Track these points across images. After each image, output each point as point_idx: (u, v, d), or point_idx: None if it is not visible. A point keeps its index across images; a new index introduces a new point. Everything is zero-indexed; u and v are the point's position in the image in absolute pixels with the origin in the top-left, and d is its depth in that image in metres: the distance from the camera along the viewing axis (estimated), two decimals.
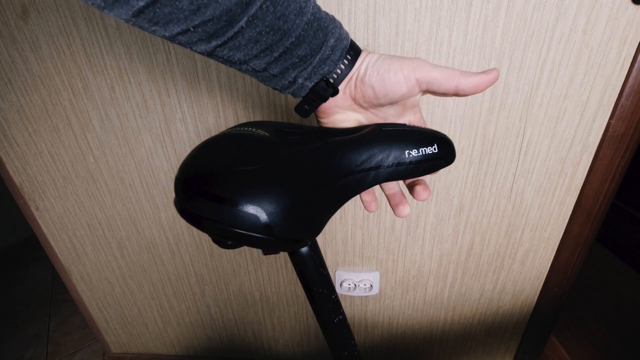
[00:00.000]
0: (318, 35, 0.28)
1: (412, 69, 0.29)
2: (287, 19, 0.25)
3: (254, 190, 0.26)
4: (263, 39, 0.25)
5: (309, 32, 0.27)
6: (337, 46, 0.29)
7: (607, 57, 0.57)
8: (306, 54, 0.28)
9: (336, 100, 0.32)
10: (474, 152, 0.68)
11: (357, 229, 0.79)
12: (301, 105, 0.33)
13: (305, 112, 0.33)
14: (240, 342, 1.05)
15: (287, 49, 0.27)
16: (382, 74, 0.30)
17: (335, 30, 0.29)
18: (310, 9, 0.27)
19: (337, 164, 0.29)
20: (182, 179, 0.28)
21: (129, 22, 0.22)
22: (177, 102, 0.68)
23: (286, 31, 0.26)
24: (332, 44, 0.29)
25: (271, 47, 0.26)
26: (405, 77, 0.29)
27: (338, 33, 0.29)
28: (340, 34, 0.30)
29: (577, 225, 0.73)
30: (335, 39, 0.29)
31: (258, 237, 0.26)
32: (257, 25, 0.24)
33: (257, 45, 0.26)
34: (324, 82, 0.30)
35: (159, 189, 0.79)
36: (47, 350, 1.22)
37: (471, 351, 0.98)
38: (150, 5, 0.21)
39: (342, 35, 0.30)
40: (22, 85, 0.69)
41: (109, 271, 0.93)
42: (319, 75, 0.30)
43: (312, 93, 0.31)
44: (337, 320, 0.35)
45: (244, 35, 0.24)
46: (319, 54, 0.29)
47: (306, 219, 0.29)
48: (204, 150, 0.29)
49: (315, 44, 0.28)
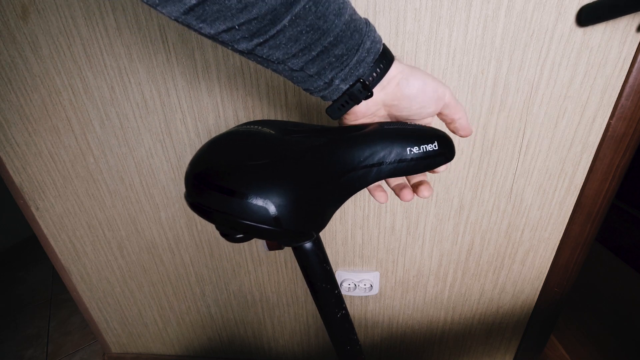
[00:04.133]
0: (354, 36, 0.29)
1: (443, 88, 0.33)
2: (327, 18, 0.26)
3: (263, 184, 0.27)
4: (303, 37, 0.26)
5: (346, 33, 0.28)
6: (372, 49, 0.30)
7: (607, 57, 0.57)
8: (343, 53, 0.29)
9: (367, 104, 0.33)
10: (474, 152, 0.68)
11: (357, 229, 0.79)
12: (333, 106, 0.33)
13: (336, 114, 0.34)
14: (240, 342, 1.05)
15: (325, 48, 0.27)
16: (423, 87, 0.32)
17: (370, 33, 0.30)
18: (347, 10, 0.28)
19: (341, 161, 0.30)
20: (194, 174, 0.29)
21: (178, 19, 0.23)
22: (177, 102, 0.68)
23: (325, 30, 0.26)
24: (368, 46, 0.30)
25: (310, 46, 0.27)
26: (438, 96, 0.33)
27: (372, 36, 0.30)
28: (374, 38, 0.30)
29: (577, 225, 0.73)
30: (370, 41, 0.30)
31: (266, 229, 0.27)
32: (299, 24, 0.25)
33: (296, 44, 0.26)
34: (360, 84, 0.31)
35: (159, 189, 0.79)
36: (47, 350, 1.22)
37: (471, 351, 0.98)
38: (201, 3, 0.22)
39: (376, 39, 0.30)
40: (22, 85, 0.69)
41: (109, 271, 0.93)
42: (355, 77, 0.31)
43: (347, 95, 0.32)
44: (340, 315, 0.36)
45: (285, 33, 0.25)
46: (355, 55, 0.29)
47: (312, 212, 0.30)
48: (213, 146, 0.30)
49: (351, 45, 0.29)
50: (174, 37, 0.61)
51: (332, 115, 0.34)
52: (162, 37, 0.62)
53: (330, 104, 0.33)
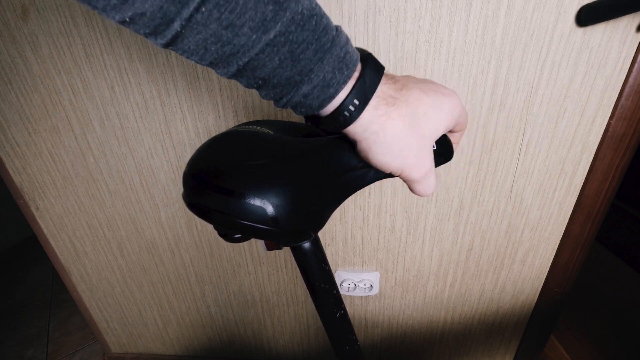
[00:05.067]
0: (285, 65, 0.21)
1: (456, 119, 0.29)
2: (239, 32, 0.20)
3: (261, 184, 0.27)
4: (212, 47, 0.20)
5: (271, 58, 0.21)
6: (315, 94, 0.23)
7: (607, 57, 0.57)
8: (269, 81, 0.22)
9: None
10: (474, 152, 0.68)
11: (357, 229, 0.79)
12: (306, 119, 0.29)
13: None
14: (240, 342, 1.05)
15: (244, 67, 0.21)
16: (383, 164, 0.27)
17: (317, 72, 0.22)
18: (278, 26, 0.20)
19: (339, 161, 0.30)
20: (191, 173, 0.29)
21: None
22: (177, 102, 0.68)
23: (238, 47, 0.20)
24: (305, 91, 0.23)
25: (224, 59, 0.21)
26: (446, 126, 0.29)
27: (321, 78, 0.22)
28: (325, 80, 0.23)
29: (577, 225, 0.73)
30: (312, 86, 0.22)
31: (264, 229, 0.27)
32: (200, 32, 0.19)
33: (207, 53, 0.21)
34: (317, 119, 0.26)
35: (159, 189, 0.79)
36: (47, 350, 1.22)
37: (471, 351, 0.98)
38: None
39: (328, 81, 0.23)
40: (22, 85, 0.69)
41: (109, 271, 0.93)
42: (310, 110, 0.25)
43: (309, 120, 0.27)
44: (339, 315, 0.36)
45: (187, 39, 0.20)
46: (289, 94, 0.23)
47: (310, 212, 0.30)
48: (212, 146, 0.30)
49: (281, 76, 0.22)
50: None
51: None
52: None
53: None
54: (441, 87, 0.28)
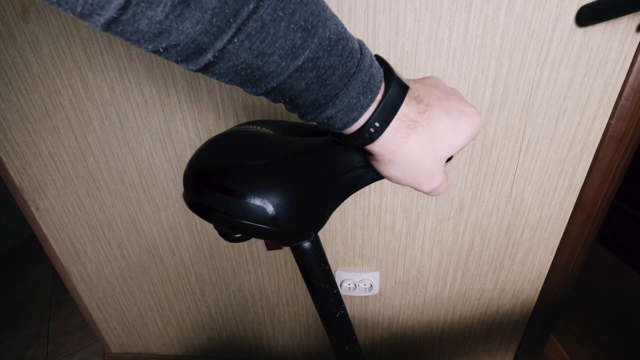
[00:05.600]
0: (312, 89, 0.22)
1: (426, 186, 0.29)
2: (269, 59, 0.20)
3: (261, 184, 0.27)
4: (242, 73, 0.21)
5: (298, 82, 0.22)
6: (338, 117, 0.24)
7: (607, 57, 0.57)
8: (297, 101, 0.23)
9: None
10: (474, 152, 0.68)
11: (357, 229, 0.79)
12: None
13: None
14: (240, 342, 1.05)
15: (272, 90, 0.22)
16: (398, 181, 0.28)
17: (343, 98, 0.23)
18: (307, 53, 0.21)
19: (339, 160, 0.30)
20: (192, 173, 0.29)
21: (106, 32, 0.20)
22: (177, 102, 0.68)
23: (267, 73, 0.21)
24: (330, 114, 0.24)
25: (254, 82, 0.22)
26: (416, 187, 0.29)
27: (346, 103, 0.23)
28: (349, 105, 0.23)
29: (577, 225, 0.73)
30: (337, 110, 0.23)
31: (264, 229, 0.28)
32: (231, 60, 0.20)
33: (237, 77, 0.22)
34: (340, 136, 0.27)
35: (159, 189, 0.79)
36: (47, 350, 1.22)
37: (471, 351, 0.98)
38: (113, 22, 0.19)
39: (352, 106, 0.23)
40: (22, 85, 0.69)
41: (109, 271, 0.93)
42: (333, 128, 0.25)
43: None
44: (339, 315, 0.36)
45: (218, 65, 0.21)
46: (318, 113, 0.24)
47: (310, 212, 0.30)
48: (212, 145, 0.30)
49: (307, 100, 0.23)
50: None
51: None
52: None
53: None
54: (465, 105, 0.28)
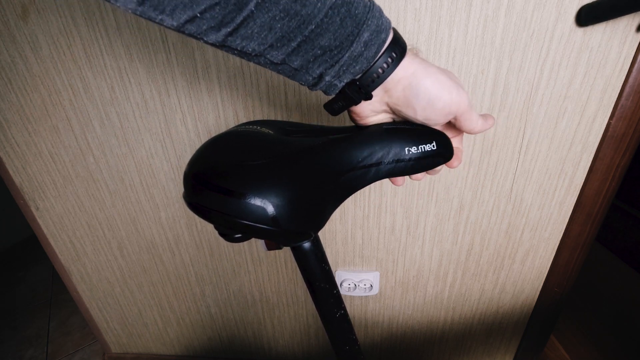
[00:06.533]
0: (346, 23, 0.23)
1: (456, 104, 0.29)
2: (306, 2, 0.22)
3: (261, 184, 0.27)
4: (277, 25, 0.22)
5: (334, 20, 0.23)
6: (373, 41, 0.25)
7: (607, 57, 0.57)
8: (330, 45, 0.24)
9: (372, 103, 0.30)
10: (474, 152, 0.68)
11: (357, 229, 0.79)
12: (330, 104, 0.30)
13: (333, 111, 0.31)
14: (240, 342, 1.05)
15: (306, 38, 0.23)
16: (433, 100, 0.28)
17: (371, 20, 0.24)
18: None
19: (339, 161, 0.30)
20: (192, 173, 0.29)
21: (136, 12, 0.21)
22: (177, 102, 0.68)
23: (305, 17, 0.22)
24: (367, 38, 0.25)
25: (288, 35, 0.23)
26: (449, 112, 0.29)
27: (375, 24, 0.25)
28: (378, 26, 0.25)
29: (577, 225, 0.73)
30: (371, 31, 0.25)
31: (264, 229, 0.28)
32: (270, 9, 0.21)
33: (271, 32, 0.22)
34: (356, 85, 0.27)
35: (159, 189, 0.79)
36: (47, 350, 1.22)
37: (471, 351, 0.98)
38: None
39: (381, 27, 0.25)
40: (22, 85, 0.69)
41: (109, 271, 0.93)
42: (350, 74, 0.27)
43: (342, 94, 0.28)
44: (339, 315, 0.36)
45: (255, 20, 0.21)
46: (348, 50, 0.25)
47: (310, 212, 0.30)
48: (212, 146, 0.30)
49: (342, 35, 0.24)
50: (173, 37, 0.61)
51: (329, 112, 0.31)
52: (162, 37, 0.62)
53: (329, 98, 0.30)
54: (458, 81, 0.30)
